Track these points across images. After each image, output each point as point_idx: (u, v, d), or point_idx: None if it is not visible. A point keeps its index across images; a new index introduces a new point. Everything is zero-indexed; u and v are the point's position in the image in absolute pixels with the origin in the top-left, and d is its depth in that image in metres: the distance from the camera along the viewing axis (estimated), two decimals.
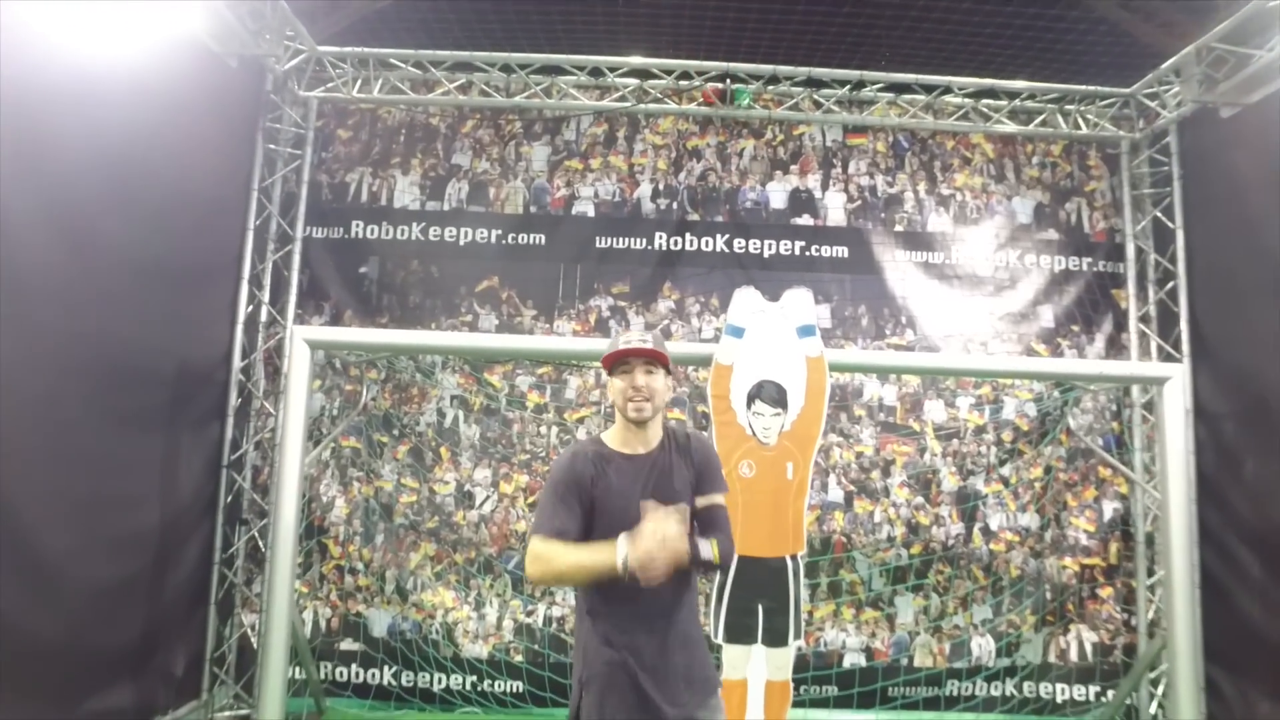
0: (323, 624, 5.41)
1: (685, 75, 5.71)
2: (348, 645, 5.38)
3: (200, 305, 4.94)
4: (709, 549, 2.23)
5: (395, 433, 5.62)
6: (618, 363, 2.38)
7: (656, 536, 2.02)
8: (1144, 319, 5.78)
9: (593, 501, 2.29)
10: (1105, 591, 5.60)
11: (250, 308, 5.42)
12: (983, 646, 5.51)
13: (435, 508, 5.53)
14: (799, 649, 4.50)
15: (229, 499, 5.20)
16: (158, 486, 4.38)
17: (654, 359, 2.37)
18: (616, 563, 2.07)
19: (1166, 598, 4.58)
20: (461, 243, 5.79)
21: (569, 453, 2.40)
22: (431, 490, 5.55)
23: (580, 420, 5.64)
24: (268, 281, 5.55)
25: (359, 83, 5.74)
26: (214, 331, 5.13)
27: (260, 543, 5.28)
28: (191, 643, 4.85)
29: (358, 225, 5.79)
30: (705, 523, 2.37)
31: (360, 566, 5.48)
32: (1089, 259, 5.89)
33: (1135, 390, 5.64)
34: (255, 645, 5.00)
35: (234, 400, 5.25)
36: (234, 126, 5.22)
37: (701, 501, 2.38)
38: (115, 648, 4.01)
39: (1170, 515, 4.58)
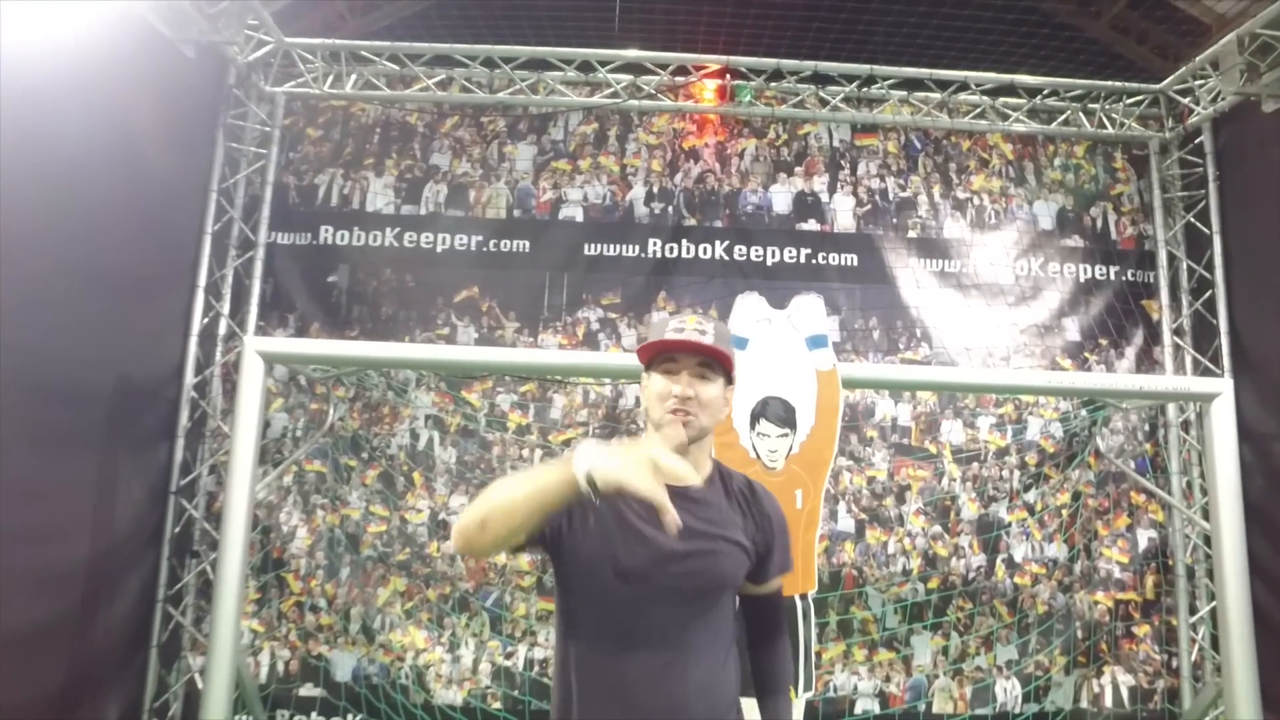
0: (280, 667, 4.89)
1: (682, 70, 5.31)
2: (307, 691, 4.86)
3: (148, 315, 4.48)
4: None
5: (364, 456, 5.14)
6: (659, 355, 1.75)
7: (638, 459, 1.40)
8: (1178, 331, 5.34)
9: (577, 529, 1.66)
10: (1142, 629, 5.10)
11: (207, 319, 4.97)
12: (1008, 691, 5.00)
13: (407, 538, 5.04)
14: (807, 699, 4.00)
15: (177, 529, 4.71)
16: (89, 515, 3.90)
17: (712, 358, 1.73)
18: (576, 475, 1.41)
19: (1223, 642, 4.09)
20: (439, 250, 5.35)
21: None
22: (403, 519, 5.06)
23: (566, 442, 5.16)
24: (227, 291, 5.10)
25: (330, 78, 5.33)
26: (163, 344, 4.68)
27: (213, 577, 4.77)
28: (127, 690, 4.35)
29: (327, 230, 5.34)
30: (760, 627, 1.84)
31: (323, 603, 4.97)
32: (1116, 267, 5.46)
33: (1171, 409, 5.19)
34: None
35: (185, 420, 4.77)
36: (190, 121, 4.80)
37: (756, 589, 1.82)
38: (30, 700, 3.51)
39: (1223, 547, 4.10)
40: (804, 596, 3.78)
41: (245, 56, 4.97)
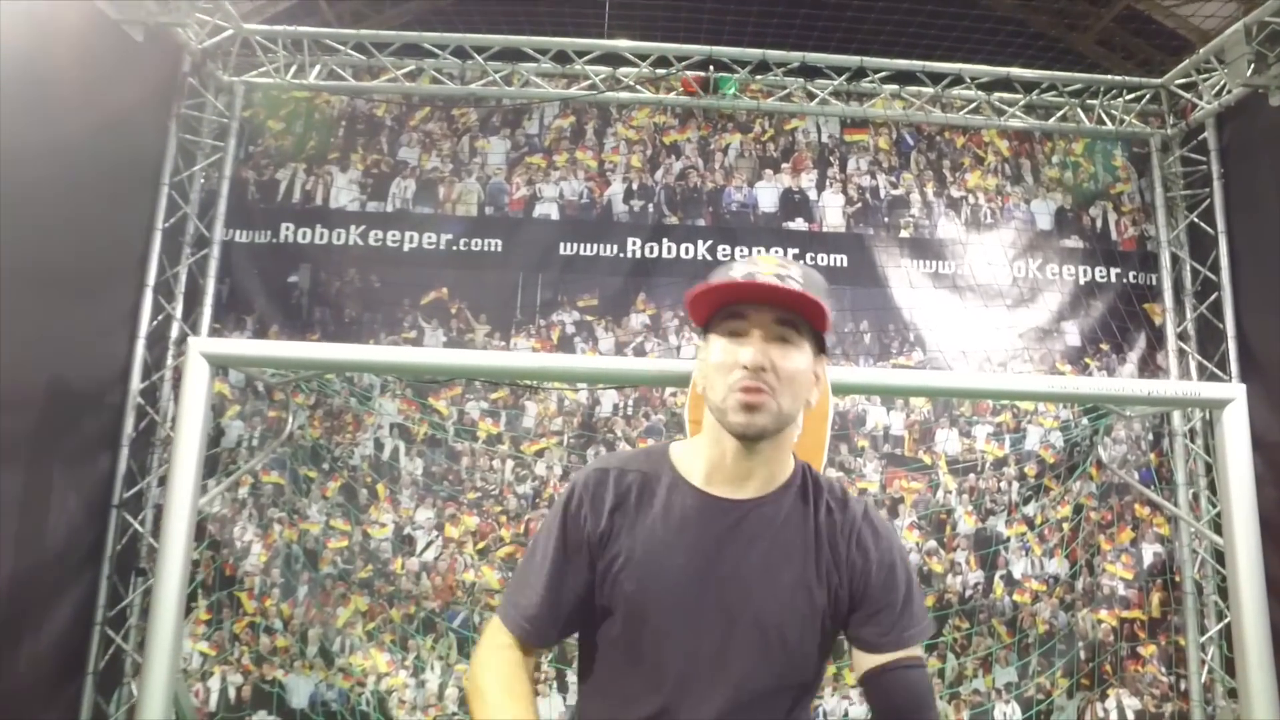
0: (231, 693, 4.56)
1: (663, 61, 5.05)
2: (260, 719, 4.53)
3: (89, 315, 4.17)
4: None
5: (325, 467, 4.83)
6: (721, 309, 1.27)
7: None
8: (1182, 336, 5.10)
9: (608, 565, 1.28)
10: (1148, 650, 4.83)
11: (157, 320, 4.66)
12: (1008, 715, 4.72)
13: (369, 554, 4.72)
14: None
15: (120, 545, 4.38)
16: (13, 531, 3.57)
17: (795, 312, 1.24)
18: None
19: (1240, 664, 3.82)
20: (406, 248, 5.06)
21: (590, 472, 1.35)
22: (365, 534, 4.75)
23: (540, 453, 4.87)
24: (180, 291, 4.80)
25: (293, 68, 5.05)
26: (107, 346, 4.37)
27: None
28: None
29: (288, 228, 5.05)
30: (906, 697, 1.25)
31: (278, 624, 4.64)
32: (1117, 269, 5.22)
33: (1177, 417, 4.94)
34: None
35: (130, 428, 4.46)
36: (140, 111, 4.49)
37: (878, 659, 1.27)
38: None
39: (1239, 563, 3.84)
40: None
41: (200, 43, 4.69)
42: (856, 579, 1.28)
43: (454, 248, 5.07)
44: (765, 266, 1.25)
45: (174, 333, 4.75)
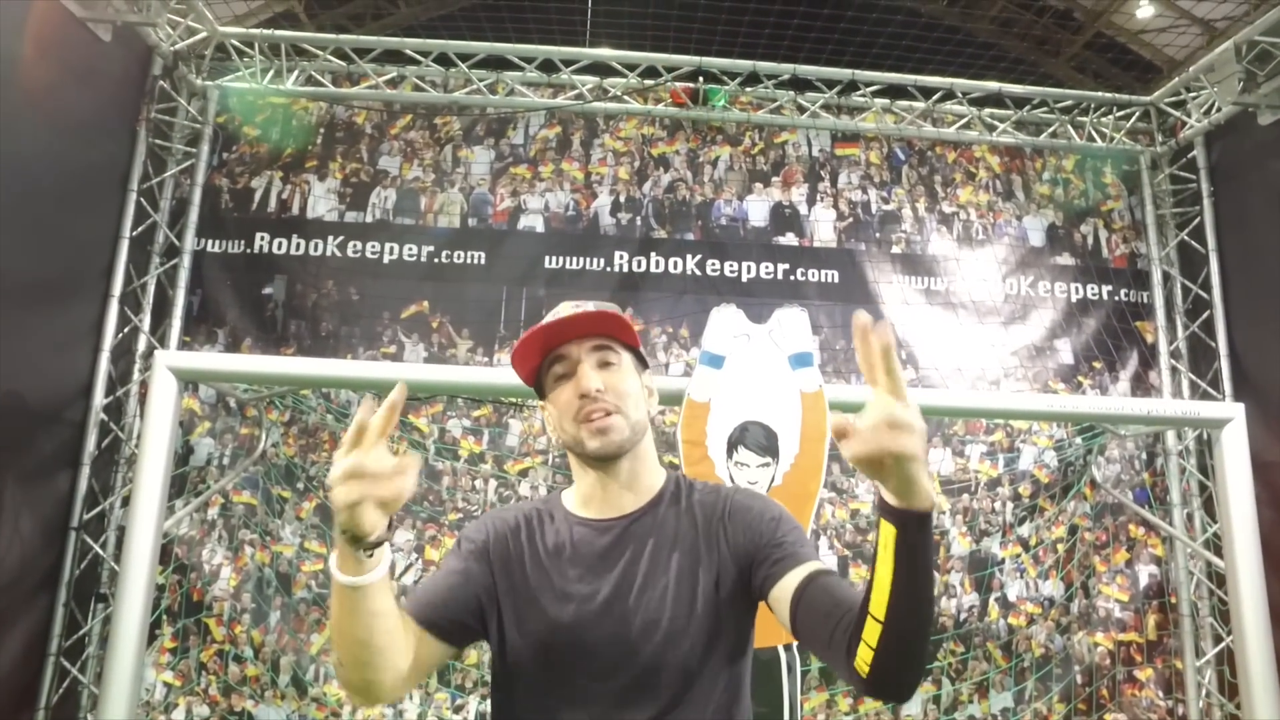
0: None
1: (651, 72, 4.96)
2: None
3: (48, 328, 3.96)
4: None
5: (299, 486, 4.62)
6: (547, 358, 1.34)
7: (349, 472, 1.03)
8: (1174, 354, 5.05)
9: (506, 590, 1.29)
10: (1144, 674, 4.74)
11: (123, 333, 4.45)
12: None
13: None
14: None
15: (79, 570, 4.15)
16: None
17: (607, 334, 1.33)
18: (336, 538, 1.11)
19: (1243, 689, 3.74)
20: (386, 260, 4.89)
21: (496, 510, 1.44)
22: None
23: (524, 473, 4.70)
24: (148, 302, 4.60)
25: (270, 73, 4.89)
26: (67, 360, 4.15)
27: None
28: None
29: (263, 238, 4.87)
30: (816, 606, 1.13)
31: (249, 652, 4.42)
32: (1109, 287, 5.18)
33: (1171, 436, 4.88)
34: None
35: (92, 446, 4.23)
36: (107, 114, 4.33)
37: (796, 575, 1.18)
38: None
39: (1240, 585, 3.77)
40: (788, 648, 3.35)
41: (172, 45, 4.52)
42: (746, 537, 1.28)
43: (436, 260, 4.91)
44: (564, 309, 1.34)
45: (141, 346, 4.55)
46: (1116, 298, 5.15)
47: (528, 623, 1.27)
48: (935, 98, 5.09)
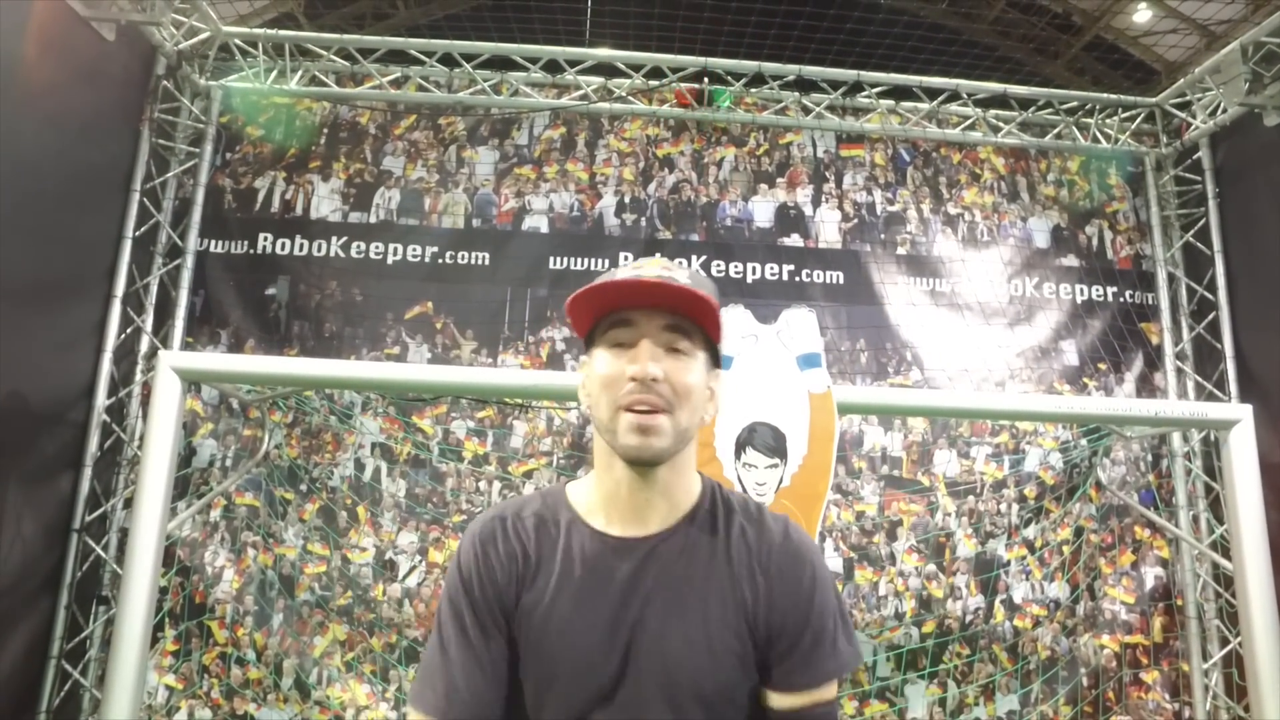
0: None
1: (656, 72, 4.94)
2: None
3: (50, 328, 3.93)
4: None
5: (302, 488, 4.60)
6: (608, 317, 1.13)
7: None
8: (1180, 355, 5.05)
9: (519, 624, 1.13)
10: (1150, 676, 4.73)
11: (126, 333, 4.43)
12: None
13: (349, 580, 4.49)
14: None
15: (80, 572, 4.12)
16: None
17: (686, 314, 1.12)
18: None
19: (1253, 692, 3.72)
20: (390, 261, 4.87)
21: (483, 523, 1.19)
22: (345, 559, 4.52)
23: (528, 474, 4.68)
24: (151, 302, 4.58)
25: (274, 73, 4.87)
26: (70, 360, 4.13)
27: None
28: None
29: (266, 239, 4.85)
30: None
31: (251, 655, 4.39)
32: (1114, 288, 5.17)
33: (1176, 438, 4.87)
34: None
35: (94, 447, 4.21)
36: (109, 113, 4.30)
37: (791, 700, 1.11)
38: None
39: (1249, 586, 3.75)
40: None
41: (176, 44, 4.50)
42: (776, 613, 1.12)
43: (440, 261, 4.89)
44: (650, 268, 1.13)
45: (143, 346, 4.53)
46: (1122, 299, 5.14)
47: (551, 656, 1.12)
48: (940, 99, 5.08)
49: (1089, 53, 5.53)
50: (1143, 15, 5.18)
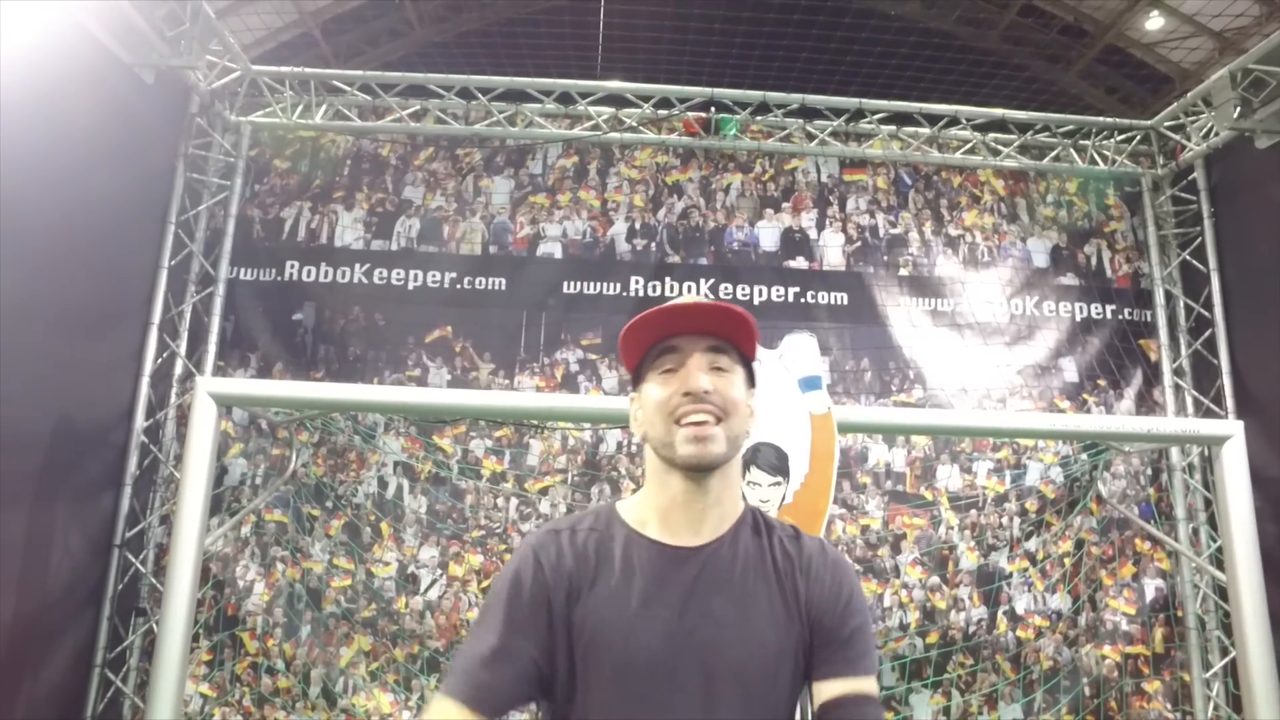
0: None
1: (665, 103, 5.15)
2: None
3: (94, 353, 4.18)
4: None
5: (328, 505, 4.81)
6: (655, 347, 1.24)
7: None
8: (1178, 372, 5.17)
9: (571, 631, 1.19)
10: (1152, 686, 4.83)
11: (161, 358, 4.67)
12: None
13: (373, 593, 4.70)
14: None
15: (121, 585, 4.35)
16: (16, 572, 3.55)
17: (727, 337, 1.24)
18: None
19: (1246, 701, 3.84)
20: (410, 287, 5.09)
21: (540, 535, 1.27)
22: (369, 573, 4.72)
23: (544, 491, 4.87)
24: (184, 329, 4.82)
25: (299, 107, 5.11)
26: (112, 385, 4.37)
27: None
28: None
29: (292, 266, 5.08)
30: None
31: (280, 665, 4.60)
32: (1113, 306, 5.30)
33: (1175, 452, 4.99)
34: None
35: (133, 466, 4.44)
36: (148, 150, 4.55)
37: (833, 688, 1.18)
38: None
39: (1242, 598, 3.87)
40: None
41: (209, 84, 4.75)
42: (815, 611, 1.22)
43: (458, 286, 5.10)
44: (687, 298, 1.28)
45: (178, 370, 4.76)
46: (1120, 317, 5.27)
47: (610, 657, 1.16)
48: (940, 124, 5.24)
49: (1102, 62, 5.57)
50: (1155, 23, 5.27)
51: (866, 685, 1.18)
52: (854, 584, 1.27)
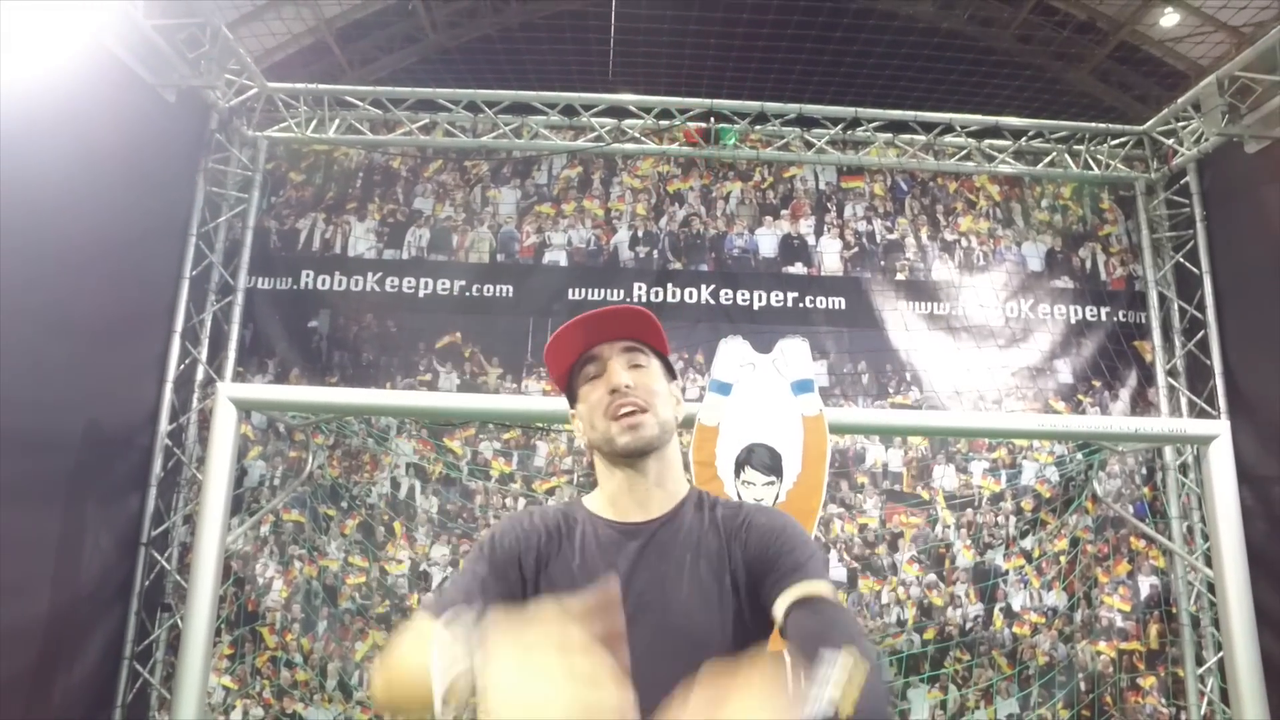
0: None
1: (665, 114, 5.30)
2: None
3: (121, 361, 4.38)
4: (824, 696, 0.86)
5: (343, 505, 5.00)
6: (579, 360, 1.42)
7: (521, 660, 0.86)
8: (1172, 373, 5.26)
9: (537, 593, 1.30)
10: (1147, 681, 4.93)
11: (183, 365, 4.87)
12: None
13: (386, 590, 4.88)
14: None
15: (147, 582, 4.55)
16: (50, 569, 3.75)
17: (637, 337, 1.41)
18: (434, 700, 0.97)
19: (1233, 695, 3.94)
20: (421, 294, 5.28)
21: (511, 514, 1.47)
22: (383, 570, 4.91)
23: (551, 491, 5.04)
24: (205, 336, 5.02)
25: (313, 122, 5.31)
26: (137, 390, 4.57)
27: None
28: None
29: (308, 275, 5.28)
30: (805, 632, 1.16)
31: (299, 658, 4.79)
32: (1107, 308, 5.40)
33: (1169, 451, 5.08)
34: None
35: (158, 468, 4.65)
36: (170, 166, 4.75)
37: (785, 600, 1.22)
38: None
39: (1228, 595, 3.98)
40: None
41: (227, 101, 4.96)
42: (755, 551, 1.31)
43: (467, 294, 5.28)
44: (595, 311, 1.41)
45: (200, 376, 4.96)
46: (1115, 319, 5.37)
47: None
48: (936, 131, 5.36)
49: (1115, 59, 5.56)
50: (1170, 19, 5.28)
51: (817, 587, 1.22)
52: (792, 522, 1.36)
